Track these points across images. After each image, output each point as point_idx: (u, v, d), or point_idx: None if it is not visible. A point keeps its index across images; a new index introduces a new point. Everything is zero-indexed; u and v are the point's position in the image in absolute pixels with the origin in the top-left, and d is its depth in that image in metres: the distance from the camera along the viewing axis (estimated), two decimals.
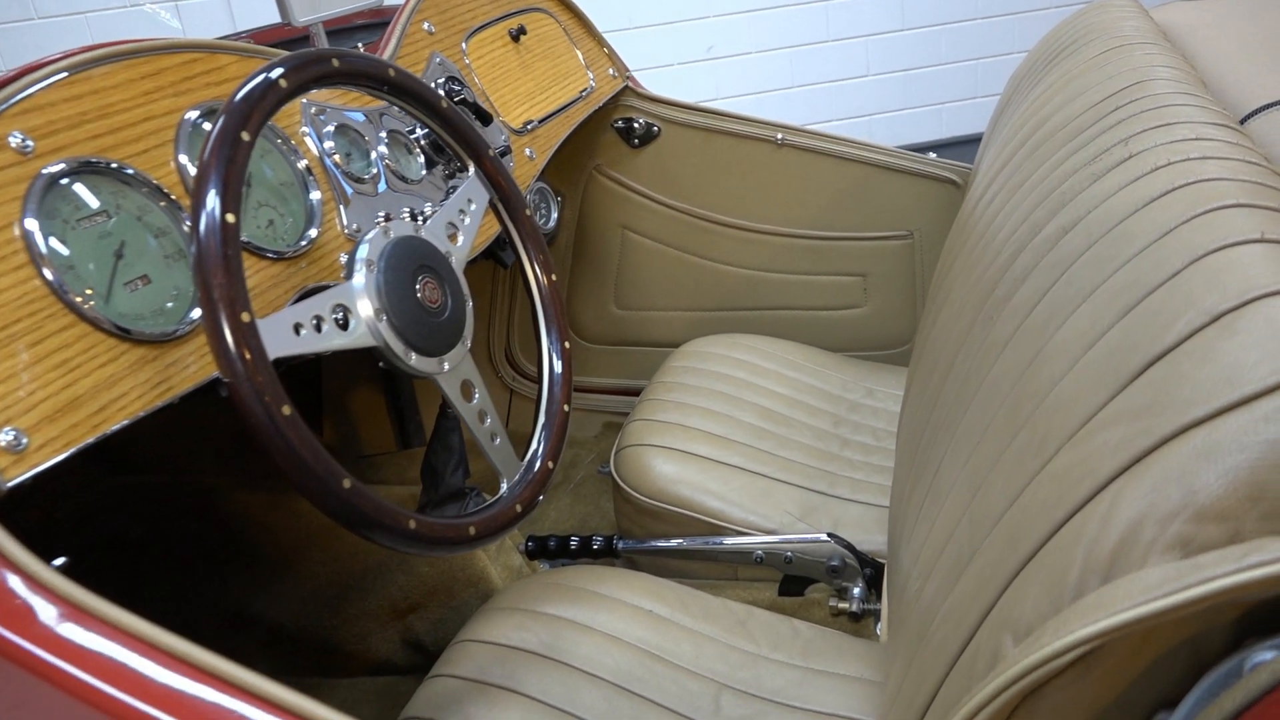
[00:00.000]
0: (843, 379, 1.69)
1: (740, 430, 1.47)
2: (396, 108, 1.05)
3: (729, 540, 1.32)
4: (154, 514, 1.54)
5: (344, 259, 0.96)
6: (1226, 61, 1.00)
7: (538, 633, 1.09)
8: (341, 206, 1.06)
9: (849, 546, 1.27)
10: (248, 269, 0.93)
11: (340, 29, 1.50)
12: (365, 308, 0.88)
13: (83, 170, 0.83)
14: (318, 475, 0.77)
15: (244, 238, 0.94)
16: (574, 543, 1.38)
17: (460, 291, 0.99)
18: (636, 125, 1.83)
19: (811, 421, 1.54)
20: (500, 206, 1.09)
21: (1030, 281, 0.74)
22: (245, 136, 0.79)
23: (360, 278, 0.89)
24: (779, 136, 1.77)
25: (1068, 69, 1.11)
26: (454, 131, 1.04)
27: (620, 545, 1.37)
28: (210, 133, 0.78)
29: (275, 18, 1.18)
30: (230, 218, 0.76)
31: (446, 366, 0.95)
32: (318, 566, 1.42)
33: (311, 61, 0.88)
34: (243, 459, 1.74)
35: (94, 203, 0.83)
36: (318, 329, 0.83)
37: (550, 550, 1.39)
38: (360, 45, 1.32)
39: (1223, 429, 0.45)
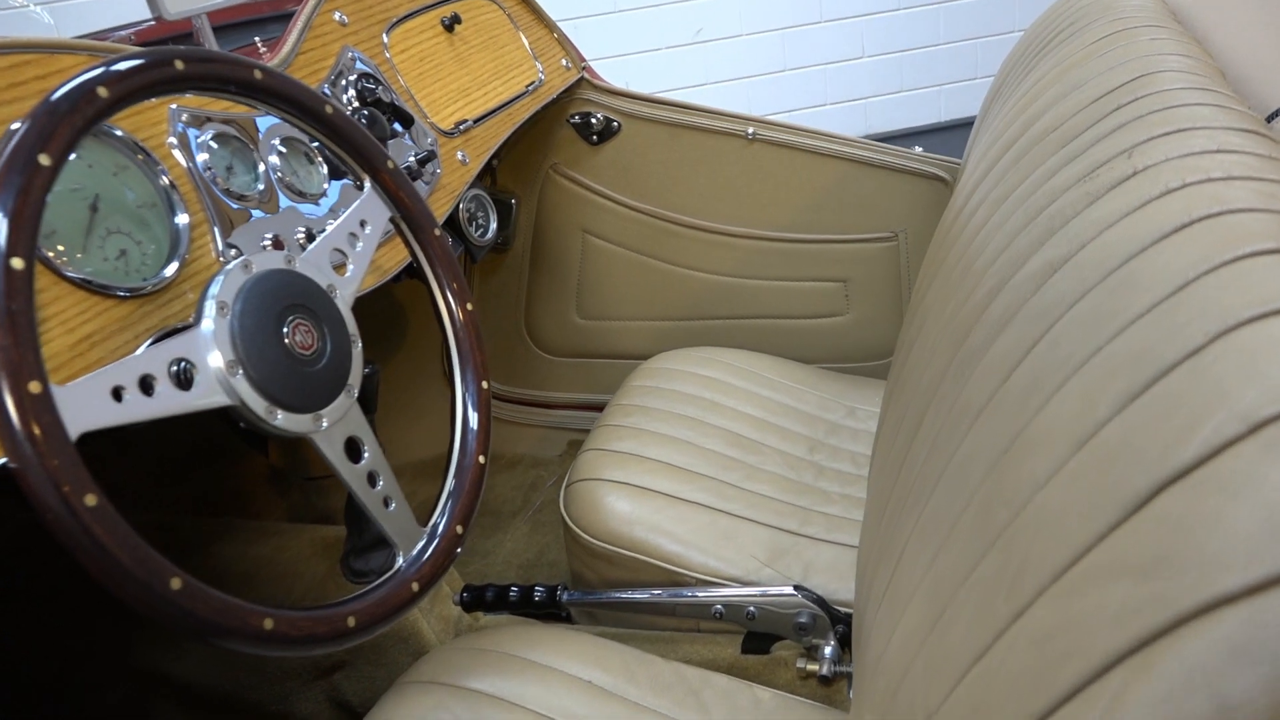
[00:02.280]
0: (821, 396, 1.54)
1: (704, 460, 1.32)
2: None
3: (685, 593, 1.18)
4: (64, 558, 1.40)
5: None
6: (1248, 46, 0.85)
7: (458, 713, 0.95)
8: (216, 230, 0.91)
9: (819, 601, 1.12)
10: (87, 311, 0.78)
11: (233, 23, 1.35)
12: (215, 359, 0.74)
13: None
14: (137, 578, 0.63)
15: (86, 273, 0.79)
16: (514, 593, 1.23)
17: (344, 332, 0.84)
18: (594, 120, 1.68)
19: (784, 447, 1.39)
20: (403, 226, 0.94)
21: (1010, 332, 0.59)
22: (45, 160, 0.64)
23: (209, 323, 0.74)
24: (750, 131, 1.61)
25: (1061, 57, 0.95)
26: (342, 140, 0.89)
27: (564, 597, 1.23)
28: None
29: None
30: (17, 263, 0.61)
31: (325, 423, 0.81)
32: None
33: (147, 65, 0.73)
34: (183, 486, 1.61)
35: None
36: (146, 391, 0.69)
37: (487, 601, 1.25)
38: (258, 41, 1.17)
39: (1270, 610, 0.31)
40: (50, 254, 0.77)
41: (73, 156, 0.83)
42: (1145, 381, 0.42)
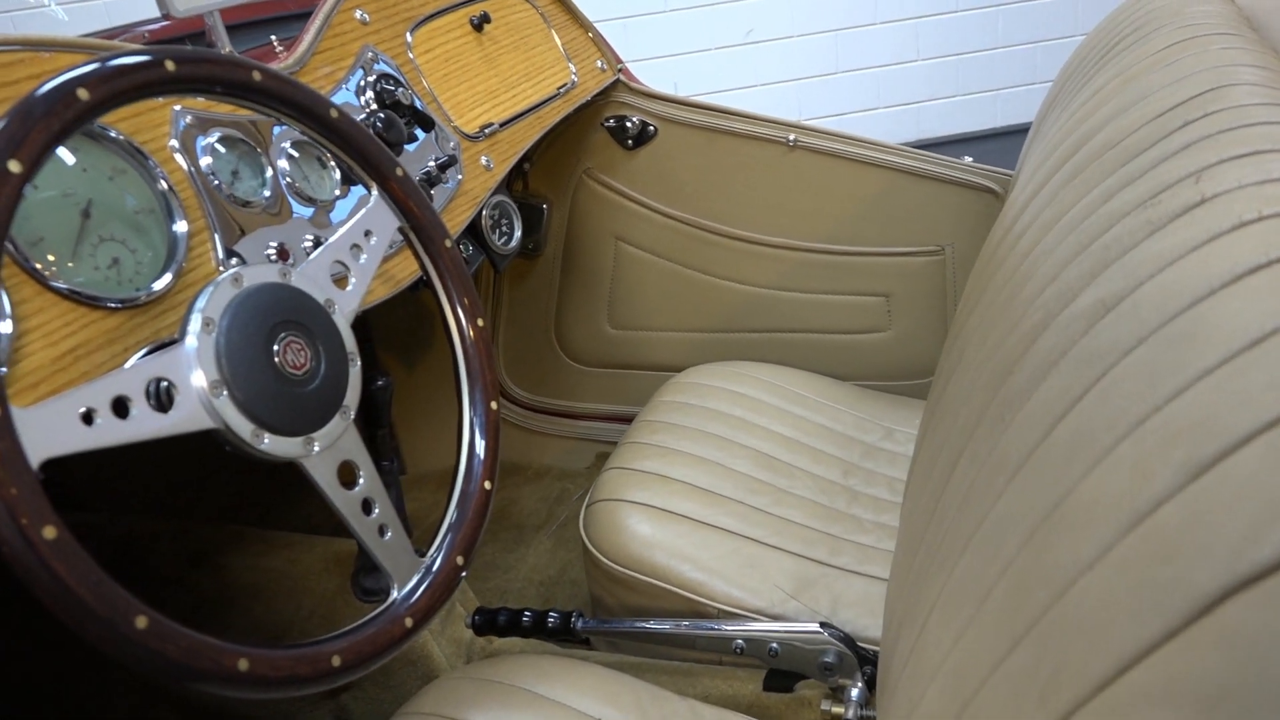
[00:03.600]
0: (858, 417, 1.47)
1: (731, 483, 1.27)
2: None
3: (705, 626, 1.12)
4: None
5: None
6: None
7: None
8: (217, 238, 0.87)
9: (846, 640, 1.06)
10: (73, 324, 0.74)
11: (251, 21, 1.31)
12: (198, 379, 0.69)
13: None
14: (99, 616, 0.58)
15: (76, 283, 0.76)
16: (527, 618, 1.18)
17: (340, 350, 0.79)
18: (630, 124, 1.62)
19: (817, 470, 1.33)
20: (412, 236, 0.90)
21: (1055, 378, 0.53)
22: (15, 168, 0.60)
23: (193, 340, 0.70)
24: (791, 137, 1.55)
25: (1124, 65, 0.88)
26: (348, 146, 0.85)
27: (579, 624, 1.18)
28: None
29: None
30: None
31: (317, 447, 0.76)
32: (239, 634, 1.24)
33: (134, 66, 0.68)
34: (200, 492, 1.58)
35: None
36: (120, 414, 0.64)
37: (500, 626, 1.20)
38: (274, 40, 1.13)
39: None
40: (38, 264, 0.74)
41: (72, 160, 0.80)
42: (1211, 456, 0.36)
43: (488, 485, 0.87)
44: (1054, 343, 0.55)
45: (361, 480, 0.80)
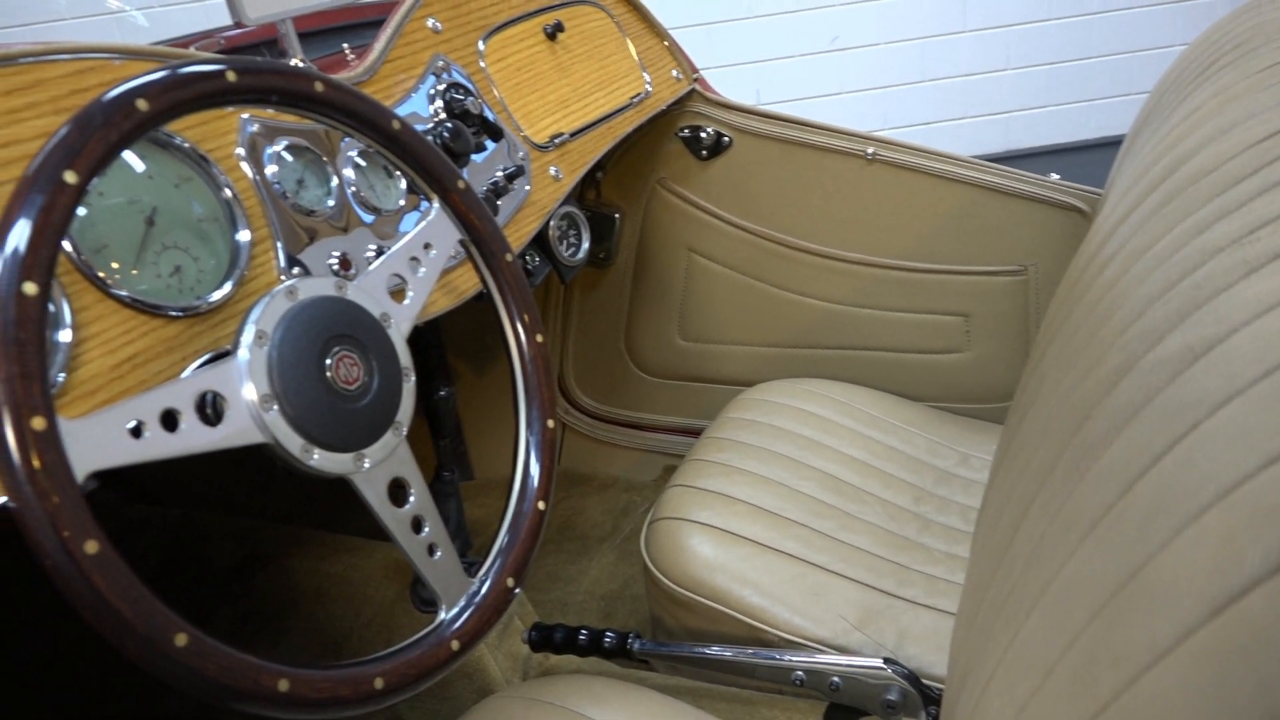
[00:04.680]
0: (932, 441, 1.42)
1: (798, 505, 1.23)
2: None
3: (765, 654, 1.08)
4: (144, 562, 1.40)
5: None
6: None
7: None
8: (280, 247, 0.87)
9: (911, 678, 1.01)
10: (132, 332, 0.75)
11: (324, 29, 1.32)
12: (249, 392, 0.69)
13: None
14: (138, 633, 0.58)
15: (138, 291, 0.76)
16: (583, 637, 1.16)
17: (393, 365, 0.78)
18: (705, 135, 1.59)
19: (887, 496, 1.28)
20: (473, 250, 0.88)
21: (1135, 431, 0.48)
22: (71, 178, 0.60)
23: (245, 353, 0.70)
24: (870, 151, 1.50)
25: (1223, 85, 0.83)
26: (410, 158, 0.84)
27: (636, 646, 1.15)
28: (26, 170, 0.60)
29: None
30: (30, 289, 0.57)
31: (367, 464, 0.75)
32: (299, 637, 1.25)
33: (194, 77, 0.68)
34: (271, 492, 1.60)
35: None
36: (169, 427, 0.64)
37: (556, 643, 1.18)
38: (346, 48, 1.13)
39: None
40: (101, 272, 0.74)
41: (141, 167, 0.81)
42: None
43: (541, 505, 0.86)
44: (1136, 389, 0.51)
45: (412, 498, 0.79)
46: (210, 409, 0.67)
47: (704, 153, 1.61)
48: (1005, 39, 3.74)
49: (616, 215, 1.70)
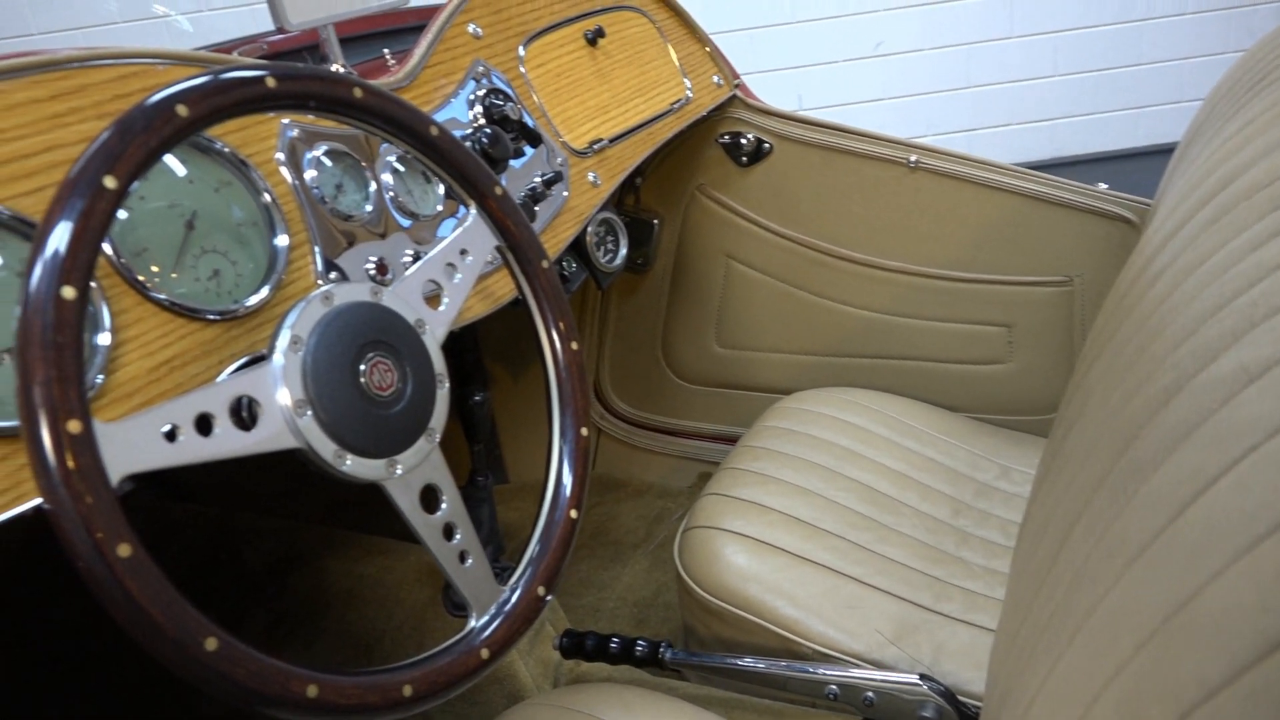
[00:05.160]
0: (973, 453, 1.40)
1: (834, 516, 1.21)
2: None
3: (798, 668, 1.07)
4: (182, 559, 1.41)
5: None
6: None
7: None
8: (318, 251, 0.87)
9: (947, 695, 1.00)
10: (170, 335, 0.75)
11: (365, 34, 1.32)
12: (283, 398, 0.69)
13: None
14: (169, 636, 0.58)
15: (177, 294, 0.76)
16: (615, 645, 1.16)
17: (428, 371, 0.78)
18: (745, 141, 1.58)
19: (925, 508, 1.26)
20: (509, 256, 0.88)
21: (1185, 454, 0.47)
22: (110, 183, 0.61)
23: (280, 358, 0.70)
24: (912, 158, 1.48)
25: (1276, 99, 0.80)
26: (447, 163, 0.84)
27: (667, 655, 1.14)
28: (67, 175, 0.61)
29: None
30: (69, 292, 0.57)
31: (399, 470, 0.75)
32: (331, 639, 1.26)
33: (233, 82, 0.68)
34: (311, 493, 1.61)
35: None
36: (204, 431, 0.64)
37: (587, 650, 1.17)
38: (387, 53, 1.13)
39: None
40: (141, 276, 0.75)
41: (182, 172, 0.81)
42: None
43: (574, 514, 0.85)
44: (1187, 410, 0.49)
45: (444, 504, 0.78)
46: (244, 413, 0.67)
47: (744, 159, 1.60)
48: (1053, 44, 3.69)
49: (655, 221, 1.69)
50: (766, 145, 1.58)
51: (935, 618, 1.09)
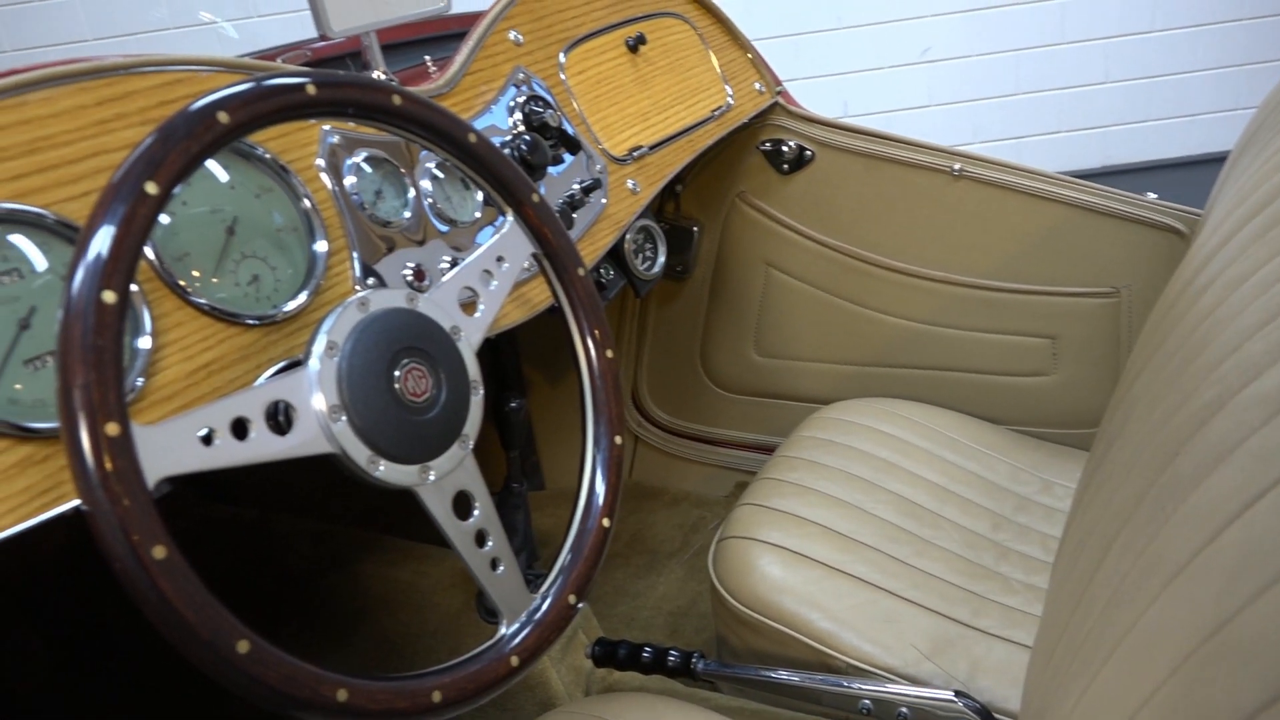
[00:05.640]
0: (1014, 466, 1.38)
1: (871, 529, 1.20)
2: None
3: (831, 681, 1.06)
4: (220, 561, 1.43)
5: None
6: None
7: None
8: (356, 257, 0.88)
9: (983, 712, 0.98)
10: (209, 339, 0.76)
11: (407, 41, 1.33)
12: (318, 402, 0.69)
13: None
14: (201, 638, 0.59)
15: (217, 299, 0.77)
16: (647, 654, 1.15)
17: (462, 378, 0.78)
18: (787, 148, 1.58)
19: (964, 522, 1.25)
20: (545, 263, 0.88)
21: (1226, 473, 0.46)
22: (152, 189, 0.62)
23: (315, 363, 0.70)
24: (956, 167, 1.47)
25: None
26: (485, 170, 0.84)
27: (700, 666, 1.14)
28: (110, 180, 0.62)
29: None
30: (109, 297, 0.58)
31: (432, 476, 0.75)
32: (364, 642, 1.27)
33: (274, 89, 0.69)
34: (350, 496, 1.63)
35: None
36: (239, 435, 0.65)
37: (619, 659, 1.17)
38: (428, 60, 1.14)
39: None
40: (181, 281, 0.76)
41: (225, 177, 0.82)
42: None
43: (606, 523, 0.85)
44: (1228, 428, 0.48)
45: (477, 511, 0.79)
46: (280, 418, 0.68)
47: (785, 166, 1.59)
48: (1104, 51, 3.63)
49: (695, 228, 1.69)
50: (808, 152, 1.57)
51: (972, 633, 1.08)
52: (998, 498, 1.31)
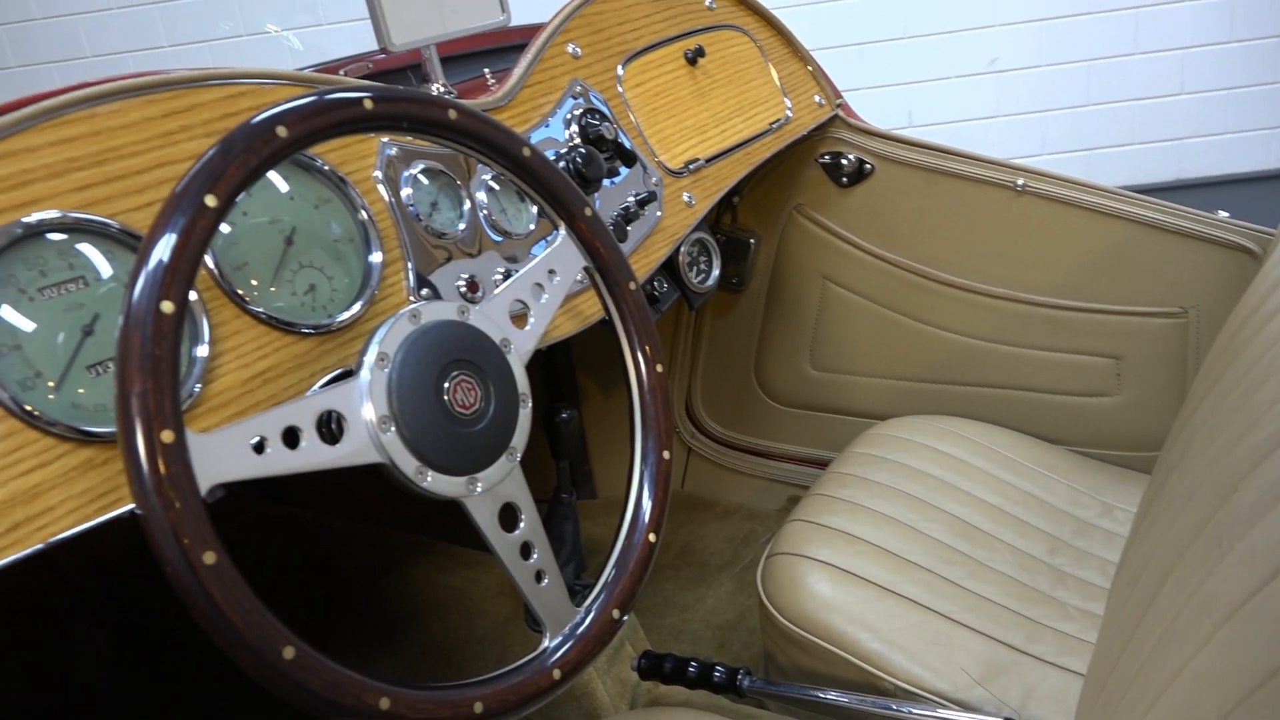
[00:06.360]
0: (1073, 489, 1.35)
1: (923, 549, 1.18)
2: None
3: (878, 704, 1.04)
4: (277, 561, 1.46)
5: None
6: None
7: None
8: (410, 267, 0.89)
9: None
10: (265, 347, 0.78)
11: (466, 53, 1.34)
12: (368, 413, 0.70)
13: (64, 228, 0.71)
14: (248, 643, 0.60)
15: (274, 308, 0.79)
16: (693, 669, 1.15)
17: (511, 391, 0.79)
18: (846, 161, 1.56)
19: (1020, 544, 1.22)
20: (597, 277, 0.89)
21: None
22: (211, 201, 0.63)
23: (366, 374, 0.71)
24: (1020, 182, 1.44)
25: None
26: (538, 184, 0.84)
27: (745, 683, 1.13)
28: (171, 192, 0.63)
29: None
30: (168, 307, 0.60)
31: (480, 487, 0.76)
32: (413, 647, 1.28)
33: (332, 104, 0.70)
34: (407, 501, 1.65)
35: (62, 265, 0.70)
36: (290, 444, 0.66)
37: (665, 673, 1.17)
38: (487, 72, 1.15)
39: None
40: (240, 290, 0.77)
41: (285, 188, 0.84)
42: None
43: (652, 538, 0.85)
44: None
45: (523, 523, 0.79)
46: (331, 427, 0.69)
47: (844, 180, 1.58)
48: (1180, 61, 3.55)
49: (752, 240, 1.68)
50: (868, 166, 1.55)
51: (1026, 659, 1.05)
52: (1056, 520, 1.28)
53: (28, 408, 0.65)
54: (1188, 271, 1.37)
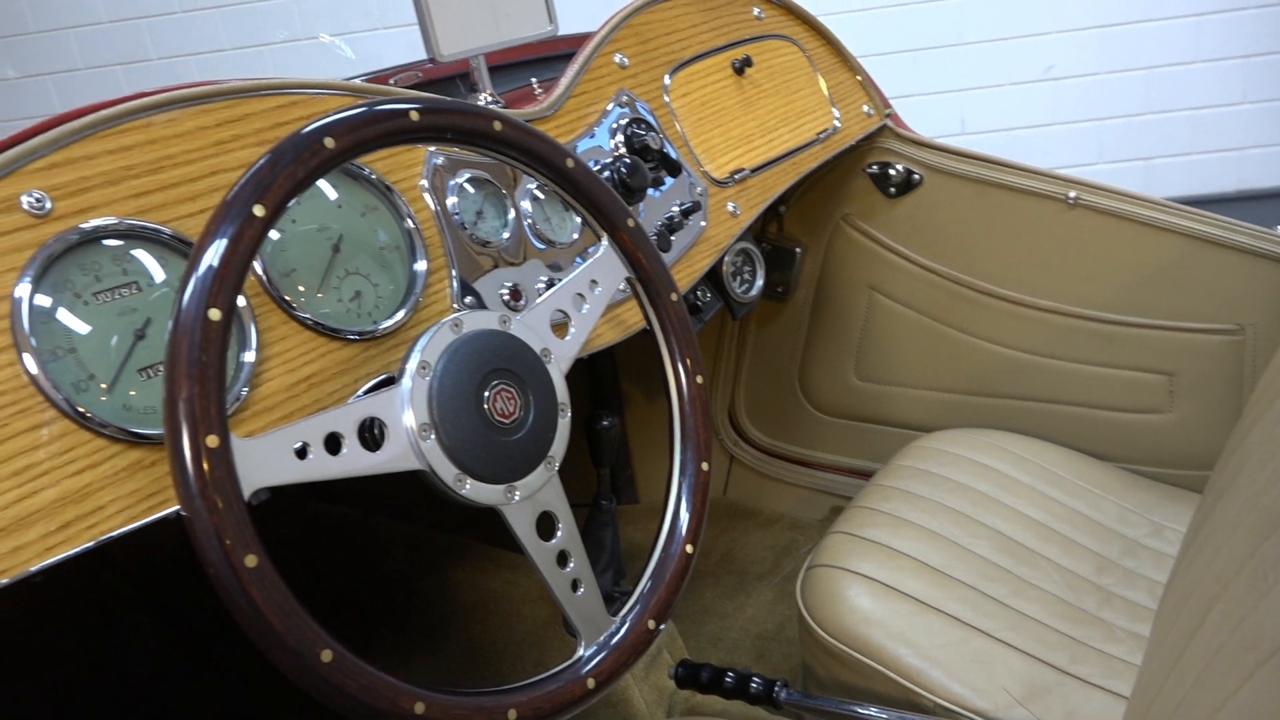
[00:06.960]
0: (1122, 506, 1.32)
1: (966, 565, 1.17)
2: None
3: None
4: (323, 560, 1.48)
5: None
6: None
7: None
8: (455, 275, 0.90)
9: None
10: (311, 353, 0.79)
11: (514, 63, 1.35)
12: (408, 420, 0.71)
13: (119, 235, 0.72)
14: (287, 645, 0.61)
15: (320, 314, 0.80)
16: (730, 679, 1.14)
17: (550, 400, 0.79)
18: (894, 172, 1.55)
19: (1066, 563, 1.21)
20: (639, 288, 0.89)
21: None
22: (259, 211, 0.64)
23: (408, 381, 0.72)
24: (1071, 194, 1.42)
25: None
26: (582, 195, 0.85)
27: (782, 695, 1.12)
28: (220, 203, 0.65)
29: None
30: (215, 314, 0.61)
31: (518, 496, 0.76)
32: (452, 647, 1.29)
33: (379, 116, 0.72)
34: (442, 504, 1.66)
35: (117, 270, 0.72)
36: (332, 450, 0.67)
37: (702, 682, 1.17)
38: (534, 82, 1.16)
39: None
40: (288, 296, 0.79)
41: (333, 196, 0.85)
42: None
43: (689, 549, 0.85)
44: None
45: (560, 532, 0.79)
46: (373, 433, 0.70)
47: (892, 190, 1.57)
48: (1243, 69, 3.47)
49: (798, 249, 1.68)
50: (916, 176, 1.54)
51: (1069, 680, 1.04)
52: (1104, 539, 1.26)
53: (81, 409, 0.67)
54: (1244, 288, 1.34)
